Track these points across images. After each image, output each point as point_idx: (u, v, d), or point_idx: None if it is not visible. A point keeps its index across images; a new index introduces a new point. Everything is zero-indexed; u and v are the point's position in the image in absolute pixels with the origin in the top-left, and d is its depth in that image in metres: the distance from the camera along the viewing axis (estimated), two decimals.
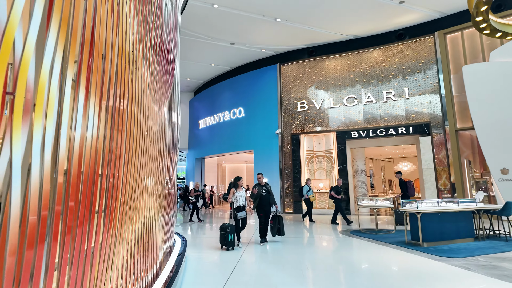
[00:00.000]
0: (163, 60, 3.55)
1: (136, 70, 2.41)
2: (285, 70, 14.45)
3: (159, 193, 3.48)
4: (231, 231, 5.95)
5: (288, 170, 13.73)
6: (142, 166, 2.65)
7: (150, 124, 2.91)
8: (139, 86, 2.50)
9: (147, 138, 2.78)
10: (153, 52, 3.00)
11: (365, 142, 13.14)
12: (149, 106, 2.87)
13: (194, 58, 15.32)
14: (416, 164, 17.23)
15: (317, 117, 13.49)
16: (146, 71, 2.77)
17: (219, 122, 16.94)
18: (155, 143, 3.22)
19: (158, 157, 3.35)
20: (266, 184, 7.01)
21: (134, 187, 2.43)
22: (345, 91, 13.18)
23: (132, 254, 2.37)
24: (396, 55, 12.57)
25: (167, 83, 4.01)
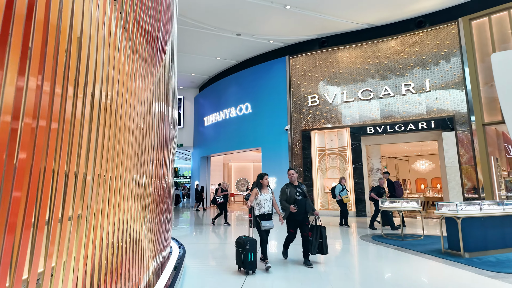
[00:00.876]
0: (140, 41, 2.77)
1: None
2: (294, 62, 13.60)
3: (145, 194, 2.70)
4: (251, 248, 4.25)
5: (298, 169, 12.87)
6: (111, 162, 1.87)
7: (124, 116, 2.14)
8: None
9: (119, 131, 2.01)
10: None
11: (381, 139, 12.22)
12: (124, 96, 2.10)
13: (199, 51, 14.57)
14: (435, 162, 16.24)
15: (330, 112, 12.62)
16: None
17: (225, 118, 16.16)
18: (138, 138, 2.46)
19: (141, 154, 2.58)
20: (300, 184, 5.10)
21: (97, 188, 1.65)
22: (359, 84, 12.28)
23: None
24: (416, 45, 11.62)
25: (151, 68, 3.24)
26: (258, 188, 4.79)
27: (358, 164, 11.89)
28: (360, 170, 11.83)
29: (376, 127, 11.71)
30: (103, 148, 1.75)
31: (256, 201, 4.71)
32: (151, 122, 3.00)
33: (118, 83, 1.99)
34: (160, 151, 3.35)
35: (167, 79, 4.28)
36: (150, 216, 2.90)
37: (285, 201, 4.83)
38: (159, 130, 3.44)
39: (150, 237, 2.88)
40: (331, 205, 12.21)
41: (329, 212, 12.11)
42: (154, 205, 3.05)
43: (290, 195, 4.83)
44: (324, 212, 12.14)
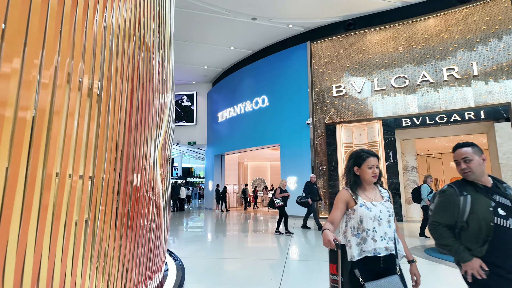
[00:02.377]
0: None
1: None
2: (316, 48, 12.21)
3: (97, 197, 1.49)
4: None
5: (322, 168, 11.50)
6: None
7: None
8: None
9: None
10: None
11: (419, 132, 10.68)
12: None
13: (211, 40, 13.41)
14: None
15: (358, 103, 11.16)
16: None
17: (240, 113, 14.95)
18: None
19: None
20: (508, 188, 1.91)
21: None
22: (392, 70, 10.76)
23: None
24: (459, 23, 10.01)
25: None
26: (354, 186, 1.88)
27: (394, 161, 10.39)
28: (395, 169, 10.33)
29: (413, 119, 10.18)
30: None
31: (351, 222, 1.83)
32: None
33: None
34: (140, 131, 2.14)
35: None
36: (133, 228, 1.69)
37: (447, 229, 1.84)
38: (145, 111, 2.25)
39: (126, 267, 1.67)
40: None
41: None
42: (141, 211, 1.84)
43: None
44: None
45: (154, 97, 2.67)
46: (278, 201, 8.00)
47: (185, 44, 13.66)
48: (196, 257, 5.42)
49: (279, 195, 8.07)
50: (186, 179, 35.13)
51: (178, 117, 18.94)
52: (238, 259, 5.44)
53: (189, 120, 18.85)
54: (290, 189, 12.13)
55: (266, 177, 24.10)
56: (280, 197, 8.03)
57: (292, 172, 12.22)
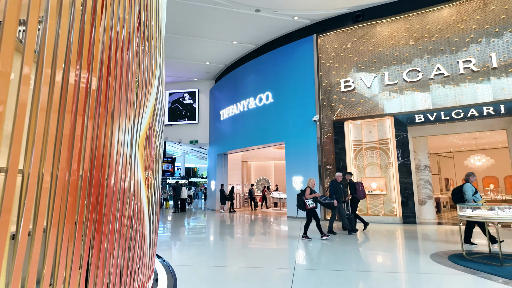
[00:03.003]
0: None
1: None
2: (323, 41, 11.64)
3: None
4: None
5: (329, 167, 10.93)
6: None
7: None
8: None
9: None
10: None
11: (433, 129, 10.07)
12: None
13: (213, 34, 12.89)
14: (494, 158, 13.78)
15: (367, 99, 10.58)
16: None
17: (243, 111, 14.41)
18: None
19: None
20: None
21: None
22: (404, 64, 10.17)
23: None
24: (476, 12, 9.40)
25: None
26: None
27: (406, 159, 9.79)
28: (408, 167, 9.74)
29: (427, 115, 9.58)
30: None
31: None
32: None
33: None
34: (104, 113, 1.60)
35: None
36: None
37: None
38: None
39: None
40: (370, 209, 10.19)
41: (369, 217, 10.07)
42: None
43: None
44: (363, 217, 10.12)
45: (131, 61, 2.07)
46: (310, 202, 7.09)
47: (186, 38, 13.16)
48: (192, 264, 4.90)
49: (310, 195, 7.17)
50: (188, 179, 34.65)
51: (180, 115, 18.46)
52: (245, 268, 4.90)
53: (191, 118, 18.36)
54: (296, 189, 11.58)
55: (270, 177, 23.55)
56: (311, 198, 7.14)
57: (297, 172, 11.66)
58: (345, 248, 6.14)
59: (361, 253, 5.82)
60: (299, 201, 7.28)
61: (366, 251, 5.99)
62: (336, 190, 7.94)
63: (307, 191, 7.22)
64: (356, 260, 5.22)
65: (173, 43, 13.51)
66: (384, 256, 5.60)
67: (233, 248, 6.63)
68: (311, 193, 7.23)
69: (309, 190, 7.26)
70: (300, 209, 7.29)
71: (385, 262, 5.17)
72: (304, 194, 7.25)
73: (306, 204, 7.09)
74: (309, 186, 7.37)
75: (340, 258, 5.28)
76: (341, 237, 7.33)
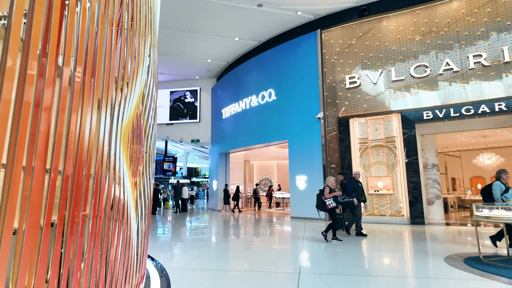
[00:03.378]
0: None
1: None
2: (328, 37, 11.32)
3: None
4: None
5: (333, 166, 10.62)
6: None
7: None
8: None
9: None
10: None
11: (441, 126, 9.72)
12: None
13: (214, 31, 12.61)
14: (504, 157, 13.36)
15: (373, 95, 10.25)
16: None
17: (245, 109, 14.12)
18: None
19: None
20: None
21: None
22: (412, 59, 9.83)
23: None
24: (487, 4, 9.05)
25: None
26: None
27: (413, 158, 9.45)
28: (416, 166, 9.40)
29: (435, 112, 9.23)
30: None
31: None
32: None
33: None
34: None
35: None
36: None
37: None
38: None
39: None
40: (376, 209, 9.86)
41: (375, 218, 9.75)
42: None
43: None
44: (368, 218, 9.81)
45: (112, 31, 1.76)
46: (330, 202, 6.60)
47: (186, 35, 12.89)
48: (190, 267, 4.61)
49: (329, 194, 6.69)
50: (190, 179, 34.42)
51: (182, 114, 18.20)
52: (246, 271, 4.61)
53: (193, 117, 18.10)
54: (299, 189, 11.28)
55: (273, 176, 23.26)
56: (331, 197, 6.67)
57: (301, 171, 11.35)
58: (353, 250, 5.82)
59: (371, 256, 5.51)
60: (318, 201, 6.85)
61: (376, 254, 5.67)
62: (355, 189, 7.48)
63: (326, 190, 6.75)
64: (366, 264, 4.91)
65: (174, 40, 13.25)
66: (396, 259, 5.27)
67: (235, 250, 6.34)
68: (330, 192, 6.76)
69: (328, 189, 6.78)
70: (320, 209, 6.84)
71: (398, 266, 4.85)
72: (323, 193, 6.80)
73: (326, 204, 6.62)
74: (327, 185, 6.88)
75: (348, 261, 4.97)
76: (347, 239, 7.01)
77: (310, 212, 10.79)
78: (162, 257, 5.32)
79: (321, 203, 6.74)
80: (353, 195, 7.38)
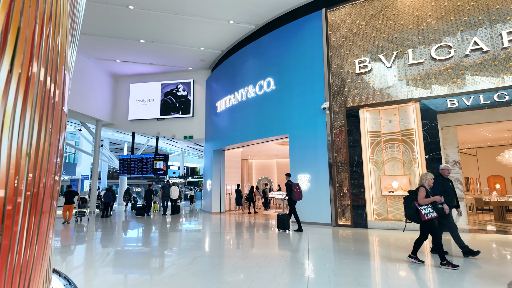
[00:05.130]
0: None
1: None
2: (334, 17, 9.97)
3: None
4: None
5: (341, 163, 9.27)
6: None
7: None
8: None
9: None
10: None
11: (468, 116, 8.40)
12: None
13: (206, 12, 11.27)
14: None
15: (386, 82, 8.91)
16: None
17: (241, 101, 12.78)
18: None
19: None
20: None
21: None
22: (432, 38, 8.48)
23: None
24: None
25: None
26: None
27: (434, 154, 8.10)
28: (438, 163, 8.04)
29: (461, 99, 7.88)
30: None
31: None
32: None
33: None
34: None
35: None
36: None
37: None
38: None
39: None
40: (391, 213, 8.51)
41: (389, 223, 8.41)
42: None
43: None
44: (381, 223, 8.47)
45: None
46: (428, 210, 4.54)
47: (176, 18, 11.54)
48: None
49: (426, 200, 4.60)
50: (186, 178, 33.08)
51: (173, 108, 16.86)
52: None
53: (185, 111, 16.74)
54: (302, 189, 9.93)
55: (272, 176, 21.95)
56: (428, 203, 4.59)
57: (303, 169, 10.01)
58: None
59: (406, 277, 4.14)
60: (408, 208, 4.81)
61: (411, 271, 4.31)
62: (444, 191, 5.30)
63: (421, 193, 4.68)
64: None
65: (162, 24, 11.91)
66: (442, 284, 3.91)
67: (220, 268, 4.98)
68: (427, 197, 4.66)
69: (424, 191, 4.68)
70: (410, 220, 4.78)
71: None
72: (415, 197, 4.75)
73: (421, 213, 4.55)
74: (423, 185, 4.79)
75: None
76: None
77: (314, 215, 9.46)
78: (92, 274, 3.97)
79: (414, 212, 4.68)
80: (443, 200, 4.98)
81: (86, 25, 12.10)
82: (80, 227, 10.16)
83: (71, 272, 4.44)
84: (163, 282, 4.03)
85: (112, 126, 17.93)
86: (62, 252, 6.08)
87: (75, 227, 10.28)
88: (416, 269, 4.42)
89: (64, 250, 6.34)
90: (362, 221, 8.69)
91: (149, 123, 17.31)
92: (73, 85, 14.40)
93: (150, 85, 17.34)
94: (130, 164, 16.72)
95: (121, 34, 12.77)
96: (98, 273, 4.53)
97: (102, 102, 16.63)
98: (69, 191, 11.25)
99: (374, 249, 6.04)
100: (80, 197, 11.96)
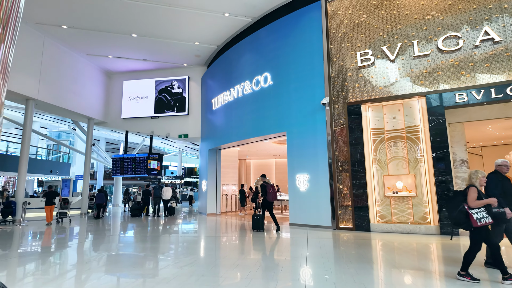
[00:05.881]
0: None
1: None
2: (334, 7, 9.44)
3: None
4: None
5: (342, 162, 8.73)
6: None
7: None
8: None
9: None
10: None
11: (477, 112, 7.86)
12: None
13: (200, 3, 10.72)
14: None
15: (391, 75, 8.37)
16: None
17: (237, 97, 12.23)
18: None
19: None
20: None
21: None
22: (439, 29, 7.95)
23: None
24: None
25: None
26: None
27: (442, 152, 7.56)
28: (447, 162, 7.51)
29: (471, 93, 7.34)
30: None
31: None
32: None
33: None
34: None
35: None
36: None
37: None
38: None
39: None
40: (395, 215, 7.97)
41: (393, 226, 7.87)
42: None
43: None
44: (385, 226, 7.93)
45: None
46: (482, 215, 3.69)
47: (168, 10, 10.99)
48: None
49: (478, 202, 3.75)
50: (183, 179, 32.49)
51: (168, 106, 16.31)
52: None
53: (180, 109, 16.20)
54: (300, 190, 9.40)
55: (271, 176, 21.39)
56: (481, 207, 3.76)
57: (302, 169, 9.47)
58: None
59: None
60: (453, 211, 3.86)
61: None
62: (503, 191, 4.27)
63: (471, 194, 3.80)
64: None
65: (153, 16, 11.36)
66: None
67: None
68: (479, 198, 3.80)
69: (476, 192, 3.81)
70: (458, 226, 3.90)
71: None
72: (463, 198, 3.89)
73: (472, 218, 3.68)
74: (474, 184, 3.92)
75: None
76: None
77: (313, 218, 8.92)
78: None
79: (463, 215, 3.77)
80: (502, 202, 4.14)
81: (76, 18, 11.55)
82: (61, 229, 9.61)
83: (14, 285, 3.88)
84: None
85: (104, 124, 17.37)
86: (20, 259, 5.53)
87: (56, 229, 9.73)
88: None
89: (22, 257, 5.78)
90: (364, 224, 8.15)
91: (143, 122, 16.76)
92: (63, 82, 13.83)
93: (144, 82, 16.79)
94: (123, 163, 16.17)
95: (112, 27, 12.22)
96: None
97: (94, 99, 16.07)
98: (50, 191, 10.75)
99: (378, 255, 5.50)
100: (62, 198, 11.44)
